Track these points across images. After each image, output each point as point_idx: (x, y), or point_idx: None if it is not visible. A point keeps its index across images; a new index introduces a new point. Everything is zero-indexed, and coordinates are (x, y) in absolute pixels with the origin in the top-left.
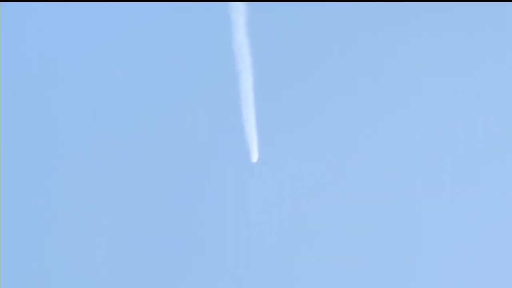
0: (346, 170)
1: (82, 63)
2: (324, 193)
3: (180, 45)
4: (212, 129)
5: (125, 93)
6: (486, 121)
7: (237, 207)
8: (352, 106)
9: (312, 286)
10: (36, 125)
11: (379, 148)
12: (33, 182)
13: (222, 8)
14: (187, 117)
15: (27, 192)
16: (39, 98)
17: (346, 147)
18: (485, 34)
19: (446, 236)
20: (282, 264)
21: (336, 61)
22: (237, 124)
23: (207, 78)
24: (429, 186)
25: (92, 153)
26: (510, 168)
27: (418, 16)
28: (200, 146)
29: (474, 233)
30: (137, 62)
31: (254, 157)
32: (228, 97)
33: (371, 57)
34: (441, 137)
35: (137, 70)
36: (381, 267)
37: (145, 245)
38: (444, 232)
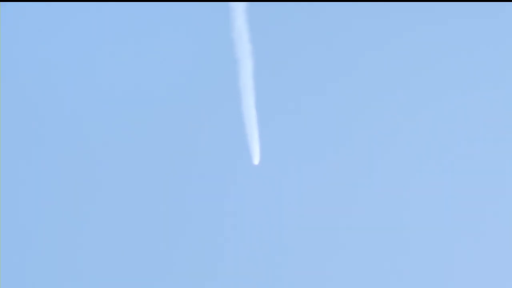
0: (348, 172)
1: (81, 63)
2: (325, 195)
3: (179, 41)
4: (213, 131)
5: (124, 91)
6: (486, 122)
7: (238, 209)
8: (354, 108)
9: (312, 287)
10: (36, 124)
11: (382, 152)
12: (31, 182)
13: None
14: (187, 119)
15: (26, 192)
16: (39, 97)
17: (348, 150)
18: (485, 33)
19: (448, 237)
20: (282, 265)
21: (338, 59)
22: (239, 126)
23: (207, 78)
24: (433, 192)
25: (91, 154)
26: (509, 167)
27: (417, 13)
28: (201, 148)
29: (473, 233)
30: (135, 60)
31: (256, 160)
32: (230, 98)
33: (375, 56)
34: (442, 137)
35: (136, 69)
36: (382, 269)
37: (146, 247)
38: (446, 234)
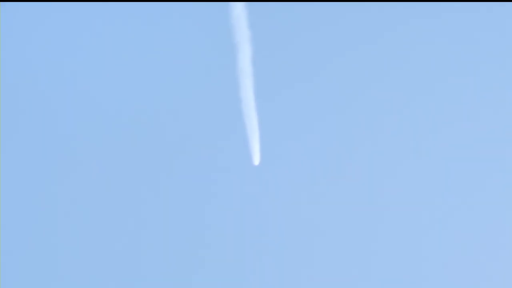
0: (349, 172)
1: (82, 63)
2: (326, 195)
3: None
4: (213, 130)
5: (123, 89)
6: (487, 123)
7: (238, 210)
8: (355, 107)
9: (313, 287)
10: (36, 125)
11: (383, 151)
12: (31, 182)
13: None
14: (186, 118)
15: (27, 192)
16: (39, 98)
17: (348, 150)
18: (485, 34)
19: (451, 238)
20: (282, 266)
21: (340, 57)
22: (239, 126)
23: (206, 77)
24: (432, 191)
25: (89, 154)
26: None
27: (417, 16)
28: (200, 148)
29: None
30: (133, 60)
31: (256, 160)
32: (230, 97)
33: (376, 55)
34: (444, 138)
35: (136, 68)
36: (383, 272)
37: (147, 247)
38: (449, 236)
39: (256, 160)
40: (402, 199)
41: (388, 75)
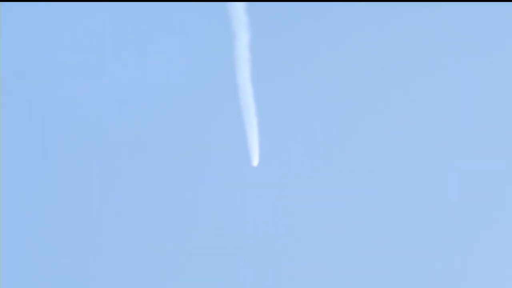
0: (348, 174)
1: (81, 63)
2: (325, 197)
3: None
4: (211, 131)
5: (120, 85)
6: (485, 122)
7: (237, 211)
8: (354, 108)
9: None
10: (36, 125)
11: (385, 154)
12: (31, 183)
13: None
14: (185, 118)
15: (27, 193)
16: (38, 98)
17: (348, 151)
18: (485, 34)
19: (446, 235)
20: (281, 267)
21: (341, 49)
22: (238, 127)
23: (205, 77)
24: (433, 195)
25: (91, 155)
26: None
27: (417, 15)
28: (199, 148)
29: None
30: (132, 56)
31: (255, 161)
32: (228, 98)
33: (374, 53)
34: (444, 137)
35: (132, 66)
36: (381, 271)
37: (145, 248)
38: (443, 232)
39: (255, 161)
40: (403, 200)
41: (388, 68)
